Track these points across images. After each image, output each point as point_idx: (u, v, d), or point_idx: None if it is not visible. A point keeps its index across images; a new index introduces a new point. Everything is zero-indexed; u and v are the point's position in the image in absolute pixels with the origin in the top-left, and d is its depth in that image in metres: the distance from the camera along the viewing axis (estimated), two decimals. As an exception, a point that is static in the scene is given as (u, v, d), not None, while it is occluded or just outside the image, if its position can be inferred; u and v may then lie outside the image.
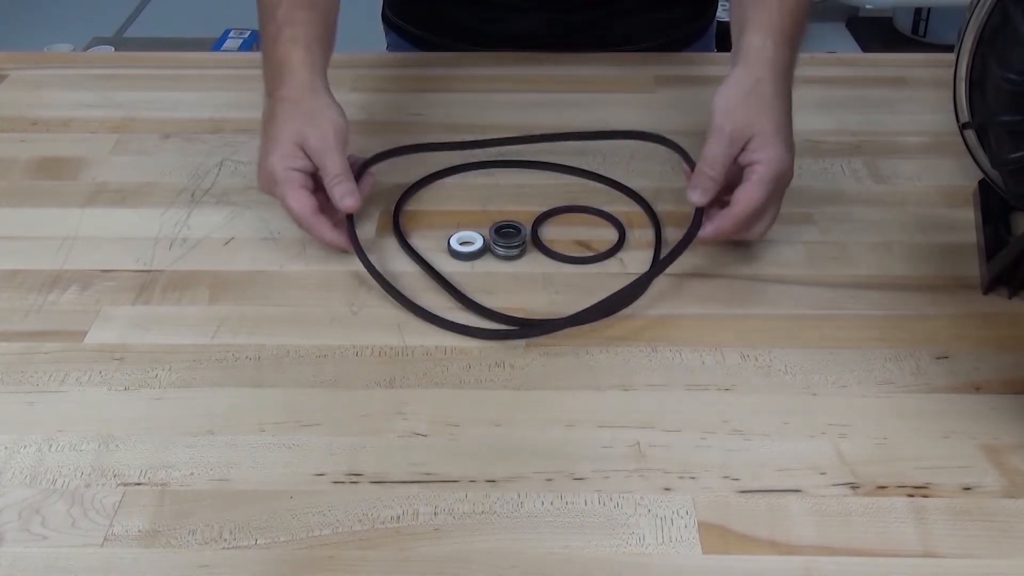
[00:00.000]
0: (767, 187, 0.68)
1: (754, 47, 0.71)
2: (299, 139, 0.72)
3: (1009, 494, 0.55)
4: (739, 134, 0.68)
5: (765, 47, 0.71)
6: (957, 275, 0.72)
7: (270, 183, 0.73)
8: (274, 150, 0.72)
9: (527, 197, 0.81)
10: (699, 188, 0.69)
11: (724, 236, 0.70)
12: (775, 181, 0.68)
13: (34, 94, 0.97)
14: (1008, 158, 0.62)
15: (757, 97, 0.70)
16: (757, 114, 0.69)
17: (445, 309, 0.69)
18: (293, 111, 0.73)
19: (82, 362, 0.64)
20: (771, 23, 0.72)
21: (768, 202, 0.69)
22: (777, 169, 0.68)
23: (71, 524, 0.54)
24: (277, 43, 0.75)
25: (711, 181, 0.69)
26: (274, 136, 0.73)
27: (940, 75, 0.75)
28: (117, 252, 0.75)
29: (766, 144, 0.68)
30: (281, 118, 0.73)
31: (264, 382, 0.63)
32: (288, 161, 0.72)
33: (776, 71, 0.71)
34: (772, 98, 0.70)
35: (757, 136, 0.68)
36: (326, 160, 0.72)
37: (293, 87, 0.74)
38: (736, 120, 0.69)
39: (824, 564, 0.52)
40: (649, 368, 0.64)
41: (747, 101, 0.69)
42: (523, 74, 0.99)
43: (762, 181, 0.67)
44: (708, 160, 0.69)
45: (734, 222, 0.68)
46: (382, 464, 0.57)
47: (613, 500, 0.55)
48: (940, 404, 0.61)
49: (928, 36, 2.64)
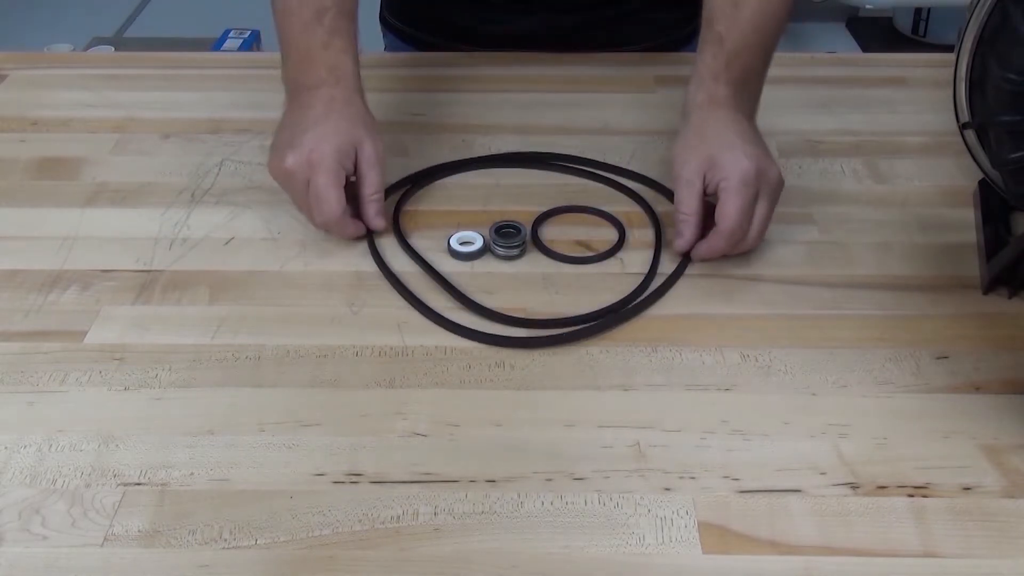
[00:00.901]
0: (738, 195, 0.69)
1: (689, 99, 0.76)
2: (356, 142, 0.74)
3: (1009, 494, 0.55)
4: (695, 173, 0.71)
5: (697, 95, 0.76)
6: (957, 275, 0.72)
7: (308, 169, 0.72)
8: (329, 141, 0.72)
9: (527, 197, 0.81)
10: (679, 235, 0.73)
11: (718, 253, 0.72)
12: (744, 187, 0.69)
13: (34, 94, 0.97)
14: (1008, 158, 0.62)
15: (703, 137, 0.73)
16: (707, 148, 0.72)
17: (445, 309, 0.69)
18: (350, 113, 0.75)
19: (82, 362, 0.64)
20: (705, 68, 0.76)
21: (750, 209, 0.70)
22: (741, 175, 0.69)
23: (71, 524, 0.54)
24: (328, 49, 0.76)
25: (686, 223, 0.72)
26: (329, 129, 0.73)
27: (940, 75, 0.75)
28: (117, 252, 0.74)
29: (721, 162, 0.70)
30: (337, 115, 0.74)
31: (264, 382, 0.63)
32: (341, 157, 0.72)
33: (715, 106, 0.74)
34: (719, 131, 0.73)
35: (710, 161, 0.71)
36: (372, 174, 0.74)
37: (348, 92, 0.76)
38: (690, 162, 0.72)
39: (824, 564, 0.52)
40: (649, 368, 0.64)
41: (697, 144, 0.73)
42: (523, 74, 0.99)
43: (730, 191, 0.69)
44: (679, 206, 0.72)
45: (722, 237, 0.70)
46: (382, 464, 0.57)
47: (613, 500, 0.55)
48: (940, 404, 0.61)
49: (928, 36, 2.64)
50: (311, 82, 0.76)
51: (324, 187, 0.71)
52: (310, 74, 0.76)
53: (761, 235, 0.72)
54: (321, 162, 0.71)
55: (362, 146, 0.74)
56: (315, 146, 0.72)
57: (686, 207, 0.72)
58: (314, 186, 0.72)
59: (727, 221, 0.69)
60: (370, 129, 0.75)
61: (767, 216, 0.72)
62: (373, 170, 0.74)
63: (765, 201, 0.71)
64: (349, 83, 0.76)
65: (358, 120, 0.75)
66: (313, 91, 0.75)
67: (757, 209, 0.71)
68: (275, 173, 0.74)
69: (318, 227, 0.74)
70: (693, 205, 0.72)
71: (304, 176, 0.72)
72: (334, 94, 0.75)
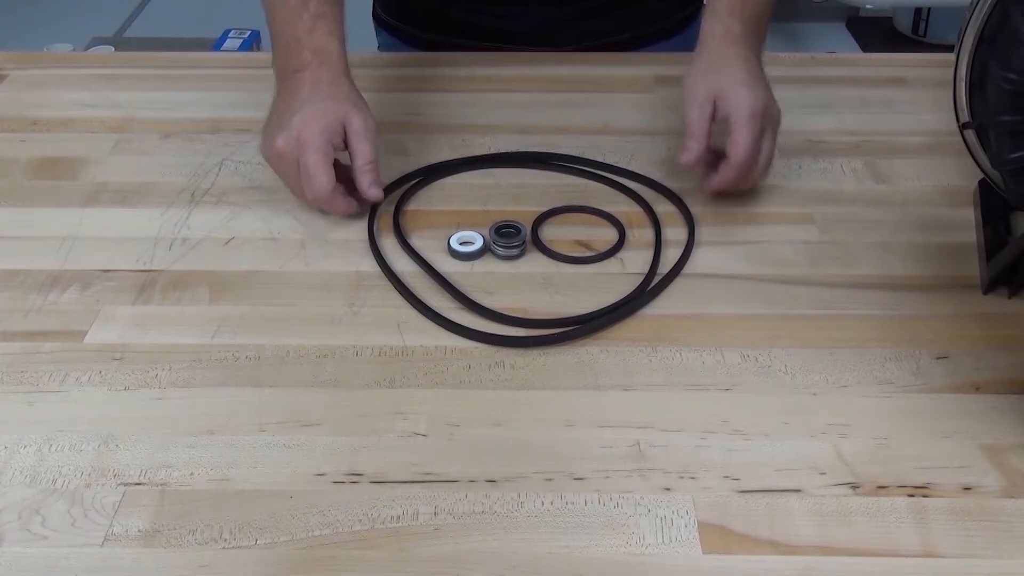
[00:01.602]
0: (748, 127, 0.74)
1: (705, 31, 0.81)
2: (343, 118, 0.75)
3: (1009, 494, 0.55)
4: (705, 98, 0.76)
5: (714, 28, 0.81)
6: (957, 275, 0.72)
7: (297, 148, 0.74)
8: (316, 119, 0.74)
9: (527, 197, 0.81)
10: (686, 150, 0.76)
11: (728, 186, 0.77)
12: (752, 120, 0.74)
13: (34, 94, 0.97)
14: (1008, 158, 0.62)
15: (713, 67, 0.78)
16: (716, 77, 0.77)
17: (445, 309, 0.69)
18: (335, 92, 0.77)
19: (82, 362, 0.64)
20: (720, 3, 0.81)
21: (757, 143, 0.75)
22: (749, 108, 0.74)
23: (71, 524, 0.54)
24: (313, 33, 0.78)
25: (694, 142, 0.76)
26: (316, 109, 0.75)
27: (940, 75, 0.75)
28: (117, 252, 0.74)
29: (731, 94, 0.75)
30: (323, 95, 0.76)
31: (264, 382, 0.63)
32: (329, 134, 0.74)
33: (729, 41, 0.79)
34: (727, 62, 0.78)
35: (721, 93, 0.76)
36: (363, 145, 0.76)
37: (333, 73, 0.78)
38: (699, 89, 0.77)
39: (824, 564, 0.52)
40: (649, 368, 0.64)
41: (706, 72, 0.78)
42: (523, 74, 0.99)
43: (740, 124, 0.74)
44: (688, 128, 0.76)
45: (732, 170, 0.75)
46: (382, 464, 0.57)
47: (613, 500, 0.55)
48: (940, 404, 0.61)
49: (928, 36, 2.64)
50: (297, 66, 0.78)
51: (313, 165, 0.73)
52: (296, 59, 0.78)
53: (767, 168, 0.77)
54: (309, 141, 0.74)
55: (350, 121, 0.75)
56: (303, 126, 0.74)
57: (697, 127, 0.76)
58: (303, 165, 0.74)
59: (739, 152, 0.74)
60: (357, 104, 0.77)
61: (771, 150, 0.77)
62: (363, 142, 0.76)
63: (770, 136, 0.77)
64: (334, 65, 0.78)
65: (343, 98, 0.77)
66: (299, 74, 0.77)
67: (763, 143, 0.76)
68: (267, 155, 0.77)
69: (311, 204, 0.77)
70: (704, 125, 0.76)
71: (294, 156, 0.74)
72: (319, 76, 0.77)
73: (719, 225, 0.77)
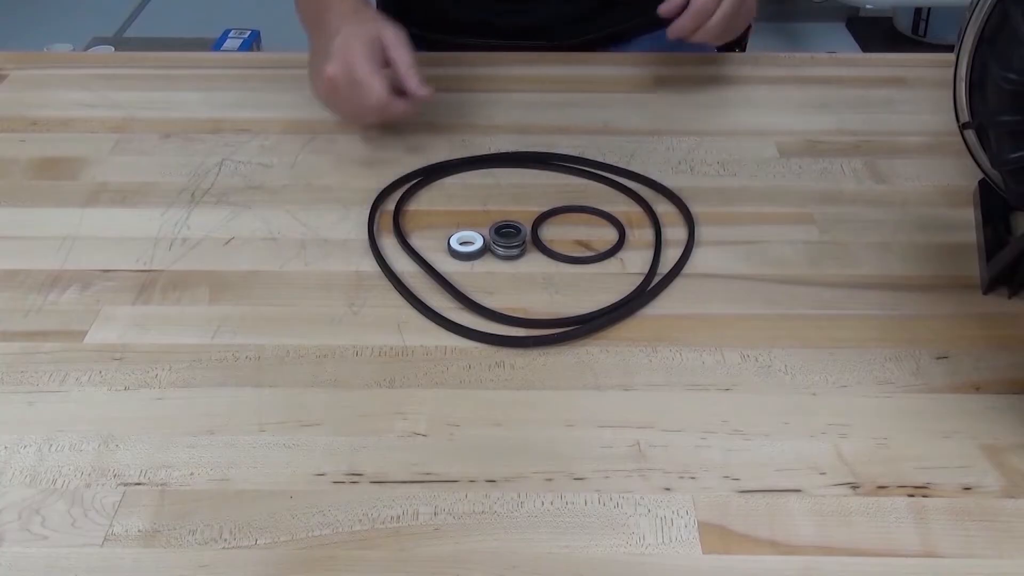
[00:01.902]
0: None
1: None
2: (378, 33, 0.81)
3: (1009, 494, 0.55)
4: None
5: None
6: (957, 275, 0.72)
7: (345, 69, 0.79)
8: (356, 38, 0.80)
9: (527, 197, 0.81)
10: None
11: (683, 33, 0.85)
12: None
13: (34, 94, 0.97)
14: (1008, 158, 0.62)
15: None
16: None
17: (445, 309, 0.69)
18: (362, 16, 0.83)
19: (82, 362, 0.65)
20: None
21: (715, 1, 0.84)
22: None
23: (71, 524, 0.54)
24: None
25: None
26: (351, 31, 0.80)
27: (940, 75, 0.75)
28: (117, 252, 0.75)
29: None
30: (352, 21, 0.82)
31: (264, 382, 0.63)
32: (371, 48, 0.80)
33: None
34: None
35: None
36: (401, 51, 0.81)
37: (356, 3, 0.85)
38: None
39: (824, 564, 0.52)
40: (649, 368, 0.64)
41: None
42: (523, 74, 0.99)
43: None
44: None
45: (688, 17, 0.84)
46: (382, 464, 0.57)
47: (613, 500, 0.55)
48: (940, 404, 0.61)
49: (928, 36, 2.64)
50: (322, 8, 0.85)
51: (366, 75, 0.78)
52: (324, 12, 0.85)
53: (720, 27, 0.85)
54: (356, 57, 0.79)
55: (384, 35, 0.81)
56: (345, 48, 0.79)
57: None
58: (357, 79, 0.79)
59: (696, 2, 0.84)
60: (384, 21, 0.83)
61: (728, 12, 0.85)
62: (400, 49, 0.81)
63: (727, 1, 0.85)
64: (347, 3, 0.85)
65: (371, 19, 0.83)
66: (326, 14, 0.84)
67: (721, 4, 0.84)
68: (320, 90, 0.82)
69: (371, 122, 0.84)
70: None
71: (345, 77, 0.79)
72: (343, 9, 0.84)
73: (719, 225, 0.77)
